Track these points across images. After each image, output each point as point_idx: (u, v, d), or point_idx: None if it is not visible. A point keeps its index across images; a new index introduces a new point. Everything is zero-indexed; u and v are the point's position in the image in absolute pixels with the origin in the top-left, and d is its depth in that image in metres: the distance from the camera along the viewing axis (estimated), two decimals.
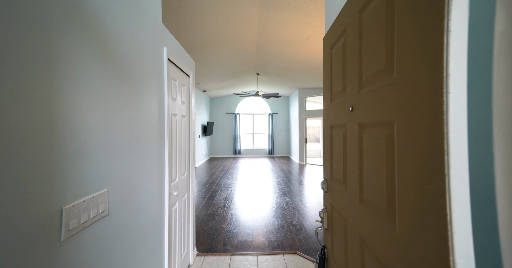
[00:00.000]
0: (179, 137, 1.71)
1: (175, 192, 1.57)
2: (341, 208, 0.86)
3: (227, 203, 3.66)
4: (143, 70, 1.13)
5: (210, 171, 6.57)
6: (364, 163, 0.67)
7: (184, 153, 1.82)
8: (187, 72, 1.88)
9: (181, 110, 1.73)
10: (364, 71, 0.67)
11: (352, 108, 0.76)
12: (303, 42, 3.80)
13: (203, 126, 8.35)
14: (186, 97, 1.87)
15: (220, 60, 4.79)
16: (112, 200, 0.81)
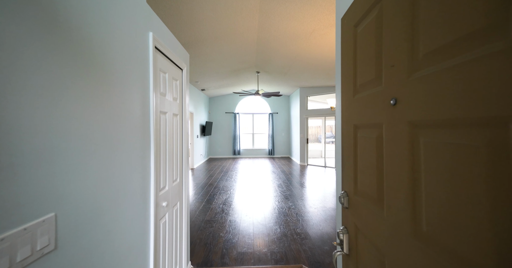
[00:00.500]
0: (170, 138, 1.49)
1: (164, 202, 1.35)
2: (373, 234, 0.65)
3: (225, 208, 3.44)
4: (121, 58, 0.91)
5: (208, 172, 6.35)
6: (423, 180, 0.45)
7: (176, 156, 1.60)
8: (180, 65, 1.66)
9: (172, 108, 1.52)
10: (421, 45, 0.46)
11: (396, 102, 0.54)
12: (306, 37, 3.59)
13: (202, 126, 8.14)
14: (178, 94, 1.66)
15: (219, 57, 4.57)
16: (63, 228, 0.59)
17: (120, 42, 0.91)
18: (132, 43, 1.00)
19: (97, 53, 0.77)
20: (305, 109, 7.59)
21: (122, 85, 0.92)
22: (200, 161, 7.88)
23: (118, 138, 0.89)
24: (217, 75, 6.06)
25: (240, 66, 5.38)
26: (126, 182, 0.95)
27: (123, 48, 0.93)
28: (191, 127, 7.00)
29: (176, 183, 1.61)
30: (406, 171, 0.50)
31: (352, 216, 0.82)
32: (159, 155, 1.29)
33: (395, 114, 0.55)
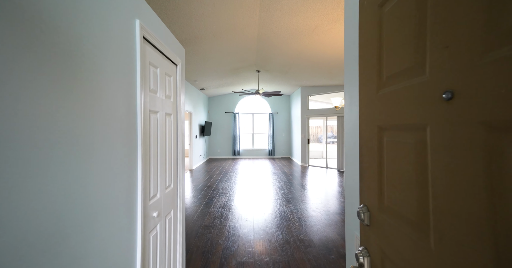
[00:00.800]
0: (163, 140, 1.35)
1: (155, 212, 1.20)
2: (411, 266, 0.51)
3: (225, 212, 3.29)
4: (100, 48, 0.77)
5: (207, 173, 6.21)
6: None
7: (169, 160, 1.45)
8: (174, 60, 1.52)
9: (165, 107, 1.37)
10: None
11: (452, 95, 0.40)
12: (308, 34, 3.45)
13: (201, 126, 7.99)
14: (172, 91, 1.51)
15: (218, 55, 4.43)
16: None
17: (100, 29, 0.77)
18: (114, 31, 0.86)
19: (65, 39, 0.62)
20: (306, 109, 7.44)
21: (100, 79, 0.78)
22: (199, 161, 7.73)
23: (95, 142, 0.75)
24: (216, 74, 5.91)
25: (240, 64, 5.24)
26: (106, 192, 0.81)
27: (103, 36, 0.79)
28: (189, 128, 6.86)
29: (170, 189, 1.47)
30: (477, 191, 0.36)
31: (376, 237, 0.67)
32: (148, 159, 1.15)
33: (451, 112, 0.40)
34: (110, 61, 0.84)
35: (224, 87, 7.87)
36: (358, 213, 0.77)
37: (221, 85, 7.52)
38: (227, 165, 7.63)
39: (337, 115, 6.68)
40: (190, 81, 6.47)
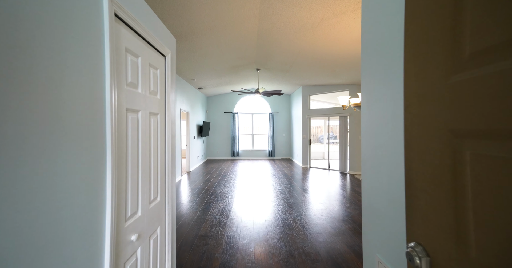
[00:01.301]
0: (146, 144, 1.11)
1: (134, 235, 0.97)
2: None
3: (222, 219, 3.06)
4: (41, 24, 0.53)
5: (205, 176, 5.97)
6: None
7: (155, 167, 1.22)
8: (162, 50, 1.28)
9: (148, 105, 1.14)
10: None
11: None
12: (313, 28, 3.22)
13: (199, 127, 7.75)
14: (159, 87, 1.28)
15: (216, 52, 4.19)
16: None
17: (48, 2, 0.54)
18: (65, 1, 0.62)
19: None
20: (308, 108, 7.22)
21: (39, 66, 0.54)
22: (196, 163, 7.49)
23: (33, 148, 0.51)
24: (214, 72, 5.68)
25: (239, 62, 5.01)
26: (50, 217, 0.57)
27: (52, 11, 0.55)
28: (187, 128, 6.62)
29: (156, 203, 1.23)
30: None
31: None
32: (125, 169, 0.91)
33: None
34: (59, 42, 0.60)
35: (222, 87, 7.64)
36: (408, 254, 0.54)
37: (220, 84, 7.28)
38: (226, 167, 7.39)
39: (340, 115, 6.46)
40: (187, 80, 6.24)
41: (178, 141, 5.49)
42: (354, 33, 3.26)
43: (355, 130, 6.15)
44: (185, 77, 5.89)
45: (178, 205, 3.64)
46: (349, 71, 5.10)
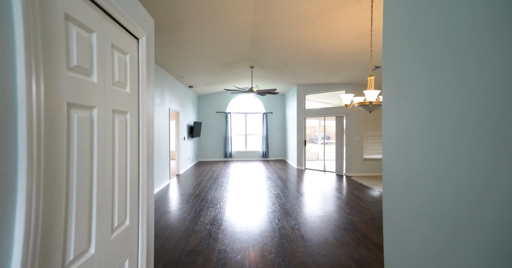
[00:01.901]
0: (106, 153, 0.82)
1: None
2: None
3: (214, 230, 2.77)
4: None
5: (196, 179, 5.64)
6: None
7: (122, 182, 0.93)
8: (133, 30, 0.99)
9: (110, 100, 0.84)
10: None
11: None
12: (312, 21, 2.98)
13: (190, 127, 7.40)
14: (129, 77, 0.98)
15: (207, 46, 3.89)
16: None
17: None
18: None
19: None
20: (303, 108, 7.02)
21: None
22: (187, 165, 7.14)
23: None
24: (206, 69, 5.36)
25: (232, 59, 4.72)
26: None
27: None
28: (176, 128, 6.27)
29: (123, 228, 0.94)
30: None
31: None
32: (61, 188, 0.62)
33: None
34: None
35: (215, 85, 7.32)
36: None
37: (212, 83, 6.97)
38: (218, 169, 7.08)
39: (336, 115, 6.29)
40: (177, 78, 5.89)
41: (166, 142, 5.14)
42: (356, 27, 3.05)
43: (351, 130, 5.99)
44: (174, 74, 5.54)
45: (165, 213, 3.31)
46: (346, 69, 4.92)
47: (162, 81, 4.94)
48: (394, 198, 0.99)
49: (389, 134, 1.04)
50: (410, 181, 0.88)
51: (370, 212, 3.38)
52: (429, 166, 0.77)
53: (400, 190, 0.95)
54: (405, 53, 0.90)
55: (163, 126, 4.93)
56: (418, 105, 0.83)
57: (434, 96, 0.74)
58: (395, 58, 0.97)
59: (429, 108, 0.77)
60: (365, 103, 2.29)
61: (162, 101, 4.92)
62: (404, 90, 0.93)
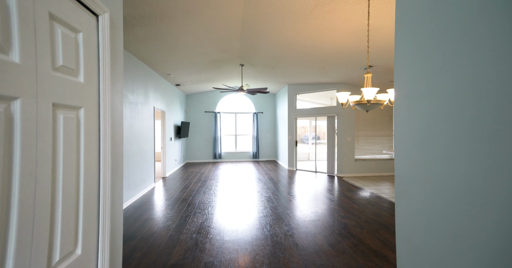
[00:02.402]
0: (40, 160, 0.60)
1: None
2: None
3: (201, 239, 2.54)
4: None
5: (183, 182, 5.36)
6: None
7: (72, 197, 0.70)
8: (88, 3, 0.77)
9: (47, 90, 0.62)
10: None
11: None
12: (305, 15, 2.83)
13: (177, 127, 7.09)
14: (83, 62, 0.76)
15: (193, 41, 3.65)
16: None
17: None
18: None
19: None
20: (294, 108, 6.90)
21: None
22: (174, 167, 6.82)
23: None
24: (193, 67, 5.10)
25: (221, 56, 4.50)
26: None
27: None
28: (162, 129, 5.95)
29: (73, 260, 0.71)
30: None
31: None
32: None
33: None
34: None
35: (203, 84, 7.05)
36: None
37: (200, 81, 6.69)
38: (207, 171, 6.82)
39: (328, 115, 6.21)
40: (163, 75, 5.58)
41: (151, 143, 4.83)
42: (351, 23, 2.93)
43: (343, 131, 5.93)
44: (159, 71, 5.24)
45: (147, 221, 3.04)
46: (339, 68, 4.83)
47: (146, 79, 4.63)
48: (407, 203, 0.83)
49: (404, 136, 0.88)
50: (431, 189, 0.72)
51: (364, 214, 3.27)
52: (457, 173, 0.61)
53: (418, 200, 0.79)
54: (423, 45, 0.74)
55: (147, 126, 4.62)
56: (441, 105, 0.68)
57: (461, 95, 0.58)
58: (410, 52, 0.81)
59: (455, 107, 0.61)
60: (363, 102, 2.16)
61: (146, 100, 4.61)
62: (422, 88, 0.78)
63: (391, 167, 6.16)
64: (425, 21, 0.73)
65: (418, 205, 0.80)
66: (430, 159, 0.74)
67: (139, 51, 3.90)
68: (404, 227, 0.85)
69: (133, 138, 3.95)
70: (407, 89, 0.85)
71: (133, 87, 4.02)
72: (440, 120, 0.69)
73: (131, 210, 3.45)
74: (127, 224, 2.93)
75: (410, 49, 0.81)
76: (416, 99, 0.81)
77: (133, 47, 3.69)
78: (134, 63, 4.04)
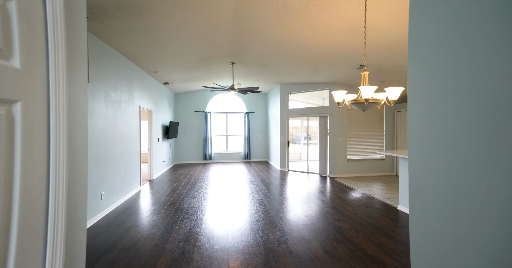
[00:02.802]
0: None
1: None
2: None
3: (188, 248, 2.36)
4: None
5: (171, 184, 5.12)
6: None
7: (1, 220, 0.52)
8: None
9: None
10: None
11: None
12: (299, 12, 2.71)
13: (165, 127, 6.81)
14: (19, 41, 0.58)
15: (182, 37, 3.45)
16: None
17: None
18: None
19: None
20: (286, 108, 6.80)
21: None
22: (162, 169, 6.55)
23: None
24: (182, 64, 4.88)
25: (211, 53, 4.31)
26: None
27: None
28: (149, 129, 5.68)
29: None
30: None
31: None
32: None
33: None
34: None
35: (193, 82, 6.82)
36: None
37: (190, 80, 6.46)
38: (197, 172, 6.59)
39: (320, 115, 6.15)
40: (149, 72, 5.32)
41: (136, 144, 4.57)
42: (345, 20, 2.84)
43: (335, 131, 5.89)
44: (146, 68, 4.98)
45: (130, 229, 2.82)
46: (331, 67, 4.76)
47: (131, 76, 4.37)
48: (428, 227, 0.70)
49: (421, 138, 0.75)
50: (456, 204, 0.60)
51: (359, 217, 3.20)
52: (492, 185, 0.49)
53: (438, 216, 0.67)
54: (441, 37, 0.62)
55: (132, 126, 4.36)
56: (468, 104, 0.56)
57: (492, 93, 0.46)
58: (426, 46, 0.69)
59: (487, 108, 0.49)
60: (360, 101, 2.06)
61: (130, 98, 4.35)
62: (442, 84, 0.65)
63: (382, 167, 6.18)
64: (445, 10, 0.61)
65: (438, 223, 0.67)
66: (455, 166, 0.62)
67: (122, 46, 3.65)
68: (420, 249, 0.73)
69: (116, 138, 3.69)
70: (424, 86, 0.73)
71: (116, 84, 3.76)
72: (468, 122, 0.57)
73: (112, 216, 3.21)
74: (106, 232, 2.69)
75: (424, 46, 0.69)
76: (436, 98, 0.69)
77: (115, 41, 3.45)
78: (117, 59, 3.79)
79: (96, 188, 3.07)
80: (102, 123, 3.25)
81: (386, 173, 6.20)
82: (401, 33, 3.08)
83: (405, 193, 3.41)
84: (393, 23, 2.86)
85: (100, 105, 3.23)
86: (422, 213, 0.73)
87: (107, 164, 3.38)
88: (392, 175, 6.11)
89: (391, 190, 4.67)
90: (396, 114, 6.15)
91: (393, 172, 6.20)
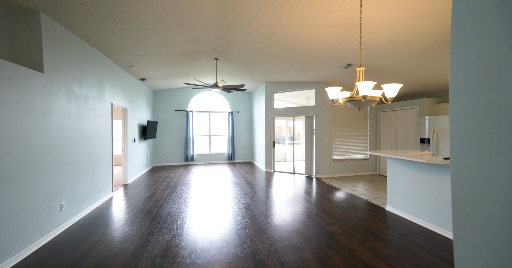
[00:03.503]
0: None
1: None
2: None
3: (166, 265, 2.06)
4: None
5: (149, 189, 4.70)
6: None
7: None
8: None
9: None
10: None
11: None
12: (288, 3, 2.52)
13: (142, 127, 6.31)
14: None
15: (160, 27, 3.11)
16: None
17: None
18: None
19: None
20: (272, 107, 6.63)
21: None
22: (139, 172, 6.05)
23: None
24: (160, 59, 4.49)
25: (192, 47, 3.99)
26: None
27: None
28: (123, 129, 5.18)
29: None
30: None
31: None
32: None
33: None
34: None
35: (173, 79, 6.39)
36: None
37: (170, 76, 6.04)
38: (177, 175, 6.18)
39: (306, 115, 6.06)
40: (123, 67, 4.84)
41: (107, 146, 4.10)
42: (337, 14, 2.70)
43: (321, 131, 5.83)
44: (119, 62, 4.51)
45: (95, 244, 2.43)
46: (318, 66, 4.66)
47: (100, 69, 3.90)
48: (478, 256, 0.52)
49: (469, 136, 0.57)
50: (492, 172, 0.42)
51: (349, 219, 3.09)
52: None
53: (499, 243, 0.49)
54: None
55: (102, 126, 3.90)
56: None
57: None
58: (474, 23, 0.51)
59: None
60: (356, 98, 1.93)
61: (100, 94, 3.88)
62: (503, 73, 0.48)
63: (366, 166, 6.25)
64: None
65: (498, 250, 0.50)
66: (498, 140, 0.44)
67: (89, 34, 3.21)
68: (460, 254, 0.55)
69: (82, 139, 3.24)
70: (472, 77, 0.56)
71: (82, 78, 3.30)
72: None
73: (75, 230, 2.78)
74: (66, 250, 2.29)
75: (472, 23, 0.51)
76: (490, 92, 0.51)
77: (79, 27, 3.00)
78: (82, 48, 3.33)
79: (53, 198, 2.63)
80: (62, 121, 2.80)
81: (370, 173, 6.28)
82: (392, 33, 3.02)
83: (394, 193, 3.38)
84: (384, 22, 2.78)
85: (60, 101, 2.78)
86: (473, 239, 0.55)
87: (69, 168, 2.93)
88: (375, 174, 6.20)
89: (377, 189, 4.69)
90: (379, 115, 6.26)
91: (376, 171, 6.30)
